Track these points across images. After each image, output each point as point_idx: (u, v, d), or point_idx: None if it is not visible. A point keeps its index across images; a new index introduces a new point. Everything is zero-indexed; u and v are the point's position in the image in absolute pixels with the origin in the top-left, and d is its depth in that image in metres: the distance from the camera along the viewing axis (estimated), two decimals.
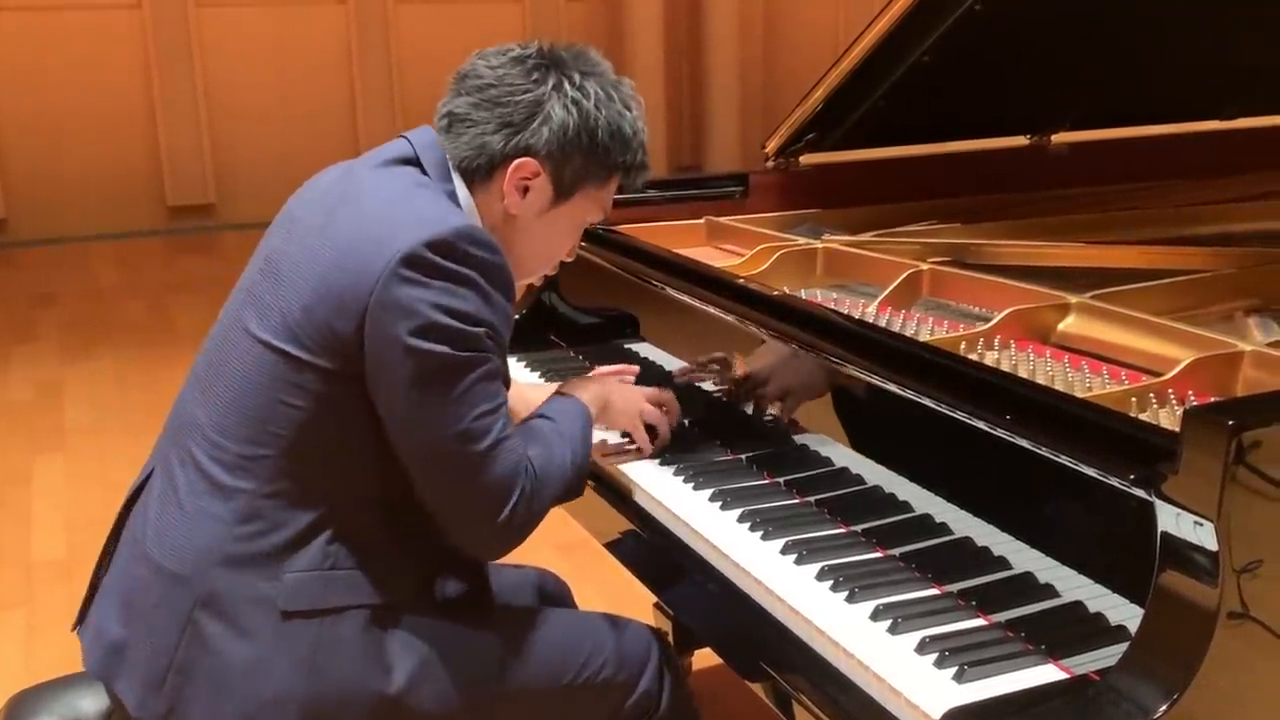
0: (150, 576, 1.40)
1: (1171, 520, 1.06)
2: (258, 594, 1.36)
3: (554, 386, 1.72)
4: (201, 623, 1.36)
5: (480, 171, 1.47)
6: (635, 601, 2.10)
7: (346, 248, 1.36)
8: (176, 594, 1.37)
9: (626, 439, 1.71)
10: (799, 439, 1.60)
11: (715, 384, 1.79)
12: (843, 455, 1.53)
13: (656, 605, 2.25)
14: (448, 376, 1.33)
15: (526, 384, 1.89)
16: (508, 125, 1.44)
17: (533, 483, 1.40)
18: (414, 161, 1.47)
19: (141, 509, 1.47)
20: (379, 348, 1.33)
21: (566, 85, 1.45)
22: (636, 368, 1.81)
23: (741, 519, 1.48)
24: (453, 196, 1.45)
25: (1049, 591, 1.23)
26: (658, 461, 1.67)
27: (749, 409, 1.70)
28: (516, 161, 1.45)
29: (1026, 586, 1.25)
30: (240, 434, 1.39)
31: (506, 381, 1.44)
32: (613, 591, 1.91)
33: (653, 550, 1.59)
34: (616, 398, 1.66)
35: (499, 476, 1.37)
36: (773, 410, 1.65)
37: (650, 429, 1.69)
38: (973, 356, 1.50)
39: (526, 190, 1.47)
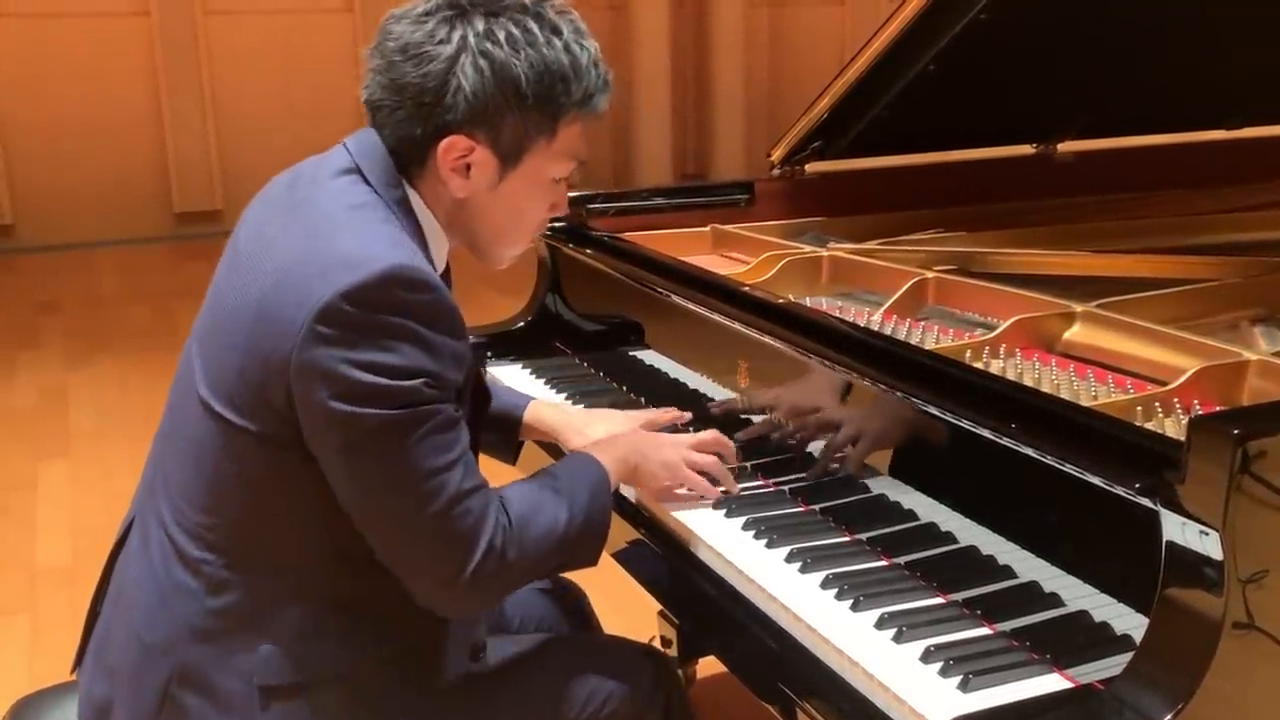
0: (130, 641, 1.34)
1: (1177, 529, 1.06)
2: (234, 667, 1.29)
3: (602, 414, 1.68)
4: (179, 697, 1.30)
5: (414, 163, 1.32)
6: (639, 607, 2.10)
7: (268, 301, 1.23)
8: (153, 665, 1.31)
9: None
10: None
11: (739, 407, 1.78)
12: (853, 465, 1.53)
13: (661, 613, 2.25)
14: (384, 440, 1.20)
15: (576, 411, 1.78)
16: (421, 105, 1.27)
17: (505, 536, 1.28)
18: (356, 170, 1.32)
19: (125, 561, 1.42)
20: (307, 414, 1.22)
21: (471, 39, 1.26)
22: (687, 414, 1.70)
23: (746, 527, 1.48)
24: (403, 203, 1.32)
25: (1054, 600, 1.23)
26: None
27: (753, 417, 1.70)
28: (443, 143, 1.29)
29: (1031, 595, 1.25)
30: (198, 501, 1.31)
31: (477, 423, 1.34)
32: (617, 597, 1.91)
33: (659, 559, 1.59)
34: (650, 451, 1.52)
35: (459, 533, 1.25)
36: (777, 418, 1.65)
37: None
38: (978, 365, 1.49)
39: (468, 169, 1.31)
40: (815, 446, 1.57)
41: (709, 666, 2.33)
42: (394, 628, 1.33)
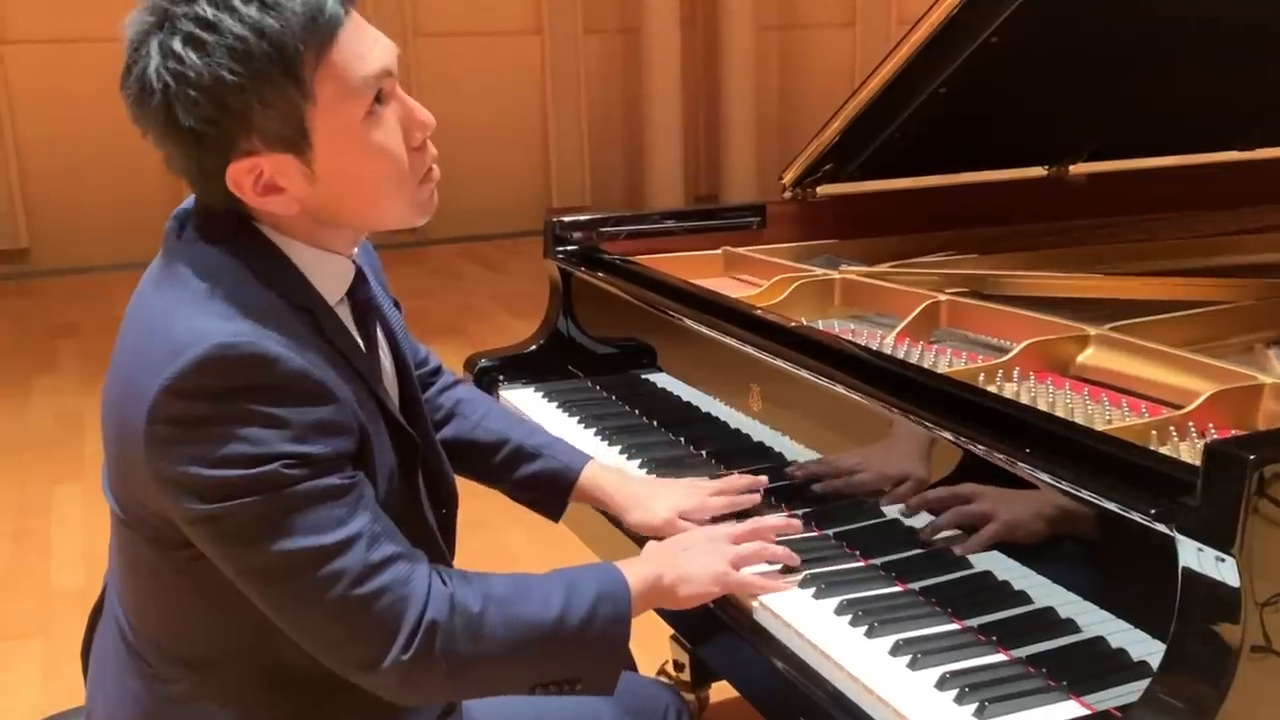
0: (106, 713, 1.32)
1: (1193, 555, 1.05)
2: None
3: (667, 487, 1.57)
4: None
5: (231, 204, 1.16)
6: (651, 632, 2.09)
7: (119, 407, 1.16)
8: None
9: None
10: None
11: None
12: (862, 489, 1.52)
13: (673, 637, 2.24)
14: (255, 531, 1.10)
15: (639, 480, 1.66)
16: (185, 148, 1.13)
17: (452, 616, 1.16)
18: (201, 240, 1.19)
19: (99, 637, 1.39)
20: (175, 517, 1.14)
21: (159, 67, 1.08)
22: (763, 479, 1.58)
23: None
24: (258, 250, 1.17)
25: (1070, 627, 1.22)
26: None
27: (764, 441, 1.70)
28: (229, 182, 1.13)
29: (1047, 621, 1.24)
30: (128, 600, 1.28)
31: (426, 469, 1.25)
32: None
33: None
34: (693, 569, 1.35)
35: (373, 615, 1.12)
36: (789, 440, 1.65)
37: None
38: (991, 388, 1.49)
39: (275, 185, 1.14)
40: (826, 473, 1.57)
41: (722, 691, 2.32)
42: (344, 707, 1.24)
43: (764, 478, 1.60)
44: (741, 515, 1.55)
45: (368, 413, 1.21)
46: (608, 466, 1.67)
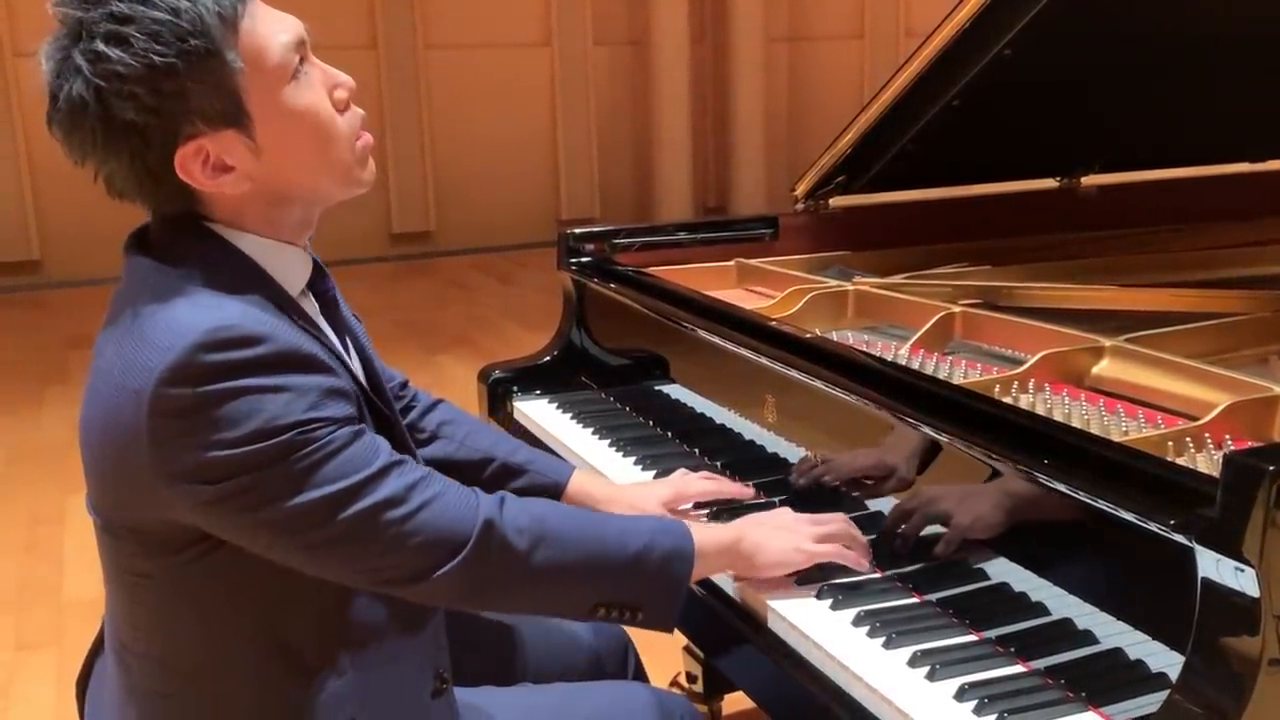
0: None
1: (1212, 566, 1.05)
2: None
3: (657, 489, 1.60)
4: None
5: (188, 203, 1.19)
6: (664, 641, 2.09)
7: (109, 418, 1.15)
8: None
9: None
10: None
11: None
12: (878, 500, 1.52)
13: (686, 648, 2.24)
14: (286, 490, 1.12)
15: (628, 486, 1.69)
16: (130, 151, 1.15)
17: (501, 513, 1.22)
18: (158, 260, 1.20)
19: (95, 678, 1.40)
20: (209, 516, 1.14)
21: (84, 68, 1.11)
22: (750, 490, 1.62)
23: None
24: (216, 250, 1.20)
25: (1088, 638, 1.22)
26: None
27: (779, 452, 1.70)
28: (177, 166, 1.14)
29: (1065, 633, 1.24)
30: (121, 615, 1.27)
31: (402, 446, 1.26)
32: (641, 632, 1.90)
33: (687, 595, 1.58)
34: (774, 529, 1.41)
35: (428, 523, 1.18)
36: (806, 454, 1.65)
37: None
38: (1007, 400, 1.49)
39: (223, 164, 1.16)
40: (841, 478, 1.57)
41: (734, 704, 2.32)
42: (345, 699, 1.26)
43: (750, 490, 1.64)
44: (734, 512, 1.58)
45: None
46: (595, 475, 1.71)
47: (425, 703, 1.33)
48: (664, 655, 2.17)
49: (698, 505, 1.63)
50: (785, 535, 1.41)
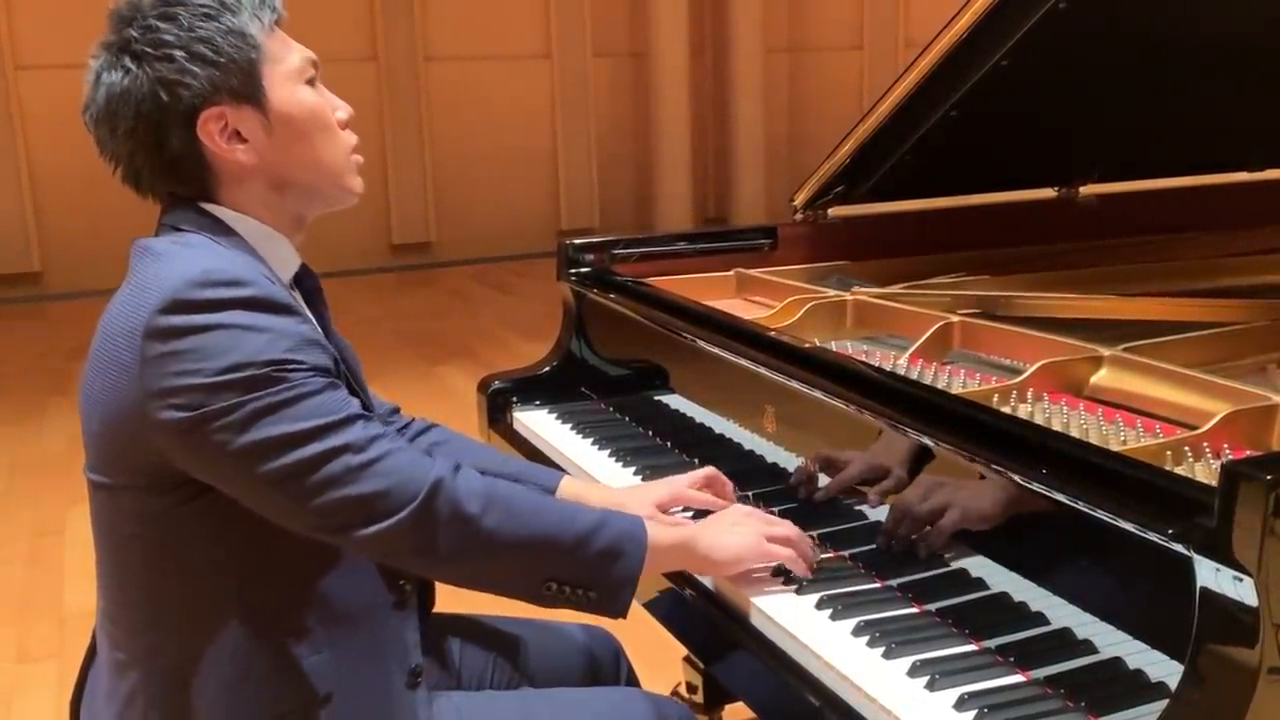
0: None
1: (1210, 575, 1.05)
2: None
3: (646, 492, 1.61)
4: None
5: (202, 180, 1.32)
6: (665, 652, 2.09)
7: (110, 359, 1.25)
8: None
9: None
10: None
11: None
12: (877, 509, 1.53)
13: (686, 659, 2.24)
14: (258, 421, 1.20)
15: (620, 490, 1.71)
16: (159, 119, 1.29)
17: (453, 477, 1.27)
18: (174, 229, 1.34)
19: (92, 674, 1.43)
20: (187, 443, 1.22)
21: (136, 43, 1.28)
22: (732, 499, 1.62)
23: (776, 573, 1.48)
24: (217, 225, 1.33)
25: (1087, 647, 1.22)
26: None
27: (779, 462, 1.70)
28: (200, 128, 1.29)
29: (1064, 642, 1.24)
30: (113, 581, 1.33)
31: (365, 407, 1.32)
32: (641, 643, 1.90)
33: (686, 605, 1.59)
34: (730, 525, 1.45)
35: (381, 473, 1.24)
36: (806, 465, 1.66)
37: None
38: (1005, 409, 1.49)
39: (238, 134, 1.31)
40: (839, 487, 1.57)
41: (734, 714, 2.31)
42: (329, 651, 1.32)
43: (733, 501, 1.64)
44: None
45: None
46: (585, 483, 1.73)
47: (400, 692, 1.36)
48: (664, 666, 2.17)
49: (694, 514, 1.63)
50: (739, 532, 1.44)
